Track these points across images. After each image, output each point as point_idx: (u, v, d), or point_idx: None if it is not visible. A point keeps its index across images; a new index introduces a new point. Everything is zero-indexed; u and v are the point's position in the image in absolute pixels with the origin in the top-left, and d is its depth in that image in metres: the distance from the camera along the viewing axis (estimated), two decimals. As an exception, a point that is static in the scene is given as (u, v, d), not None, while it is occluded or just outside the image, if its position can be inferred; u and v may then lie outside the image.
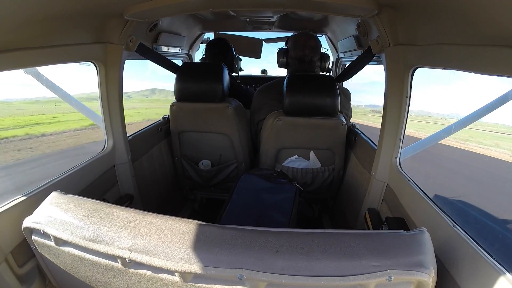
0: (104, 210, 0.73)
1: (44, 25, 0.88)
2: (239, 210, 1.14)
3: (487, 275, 0.64)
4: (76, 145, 4.75)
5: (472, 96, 3.98)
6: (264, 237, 0.64)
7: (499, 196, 3.45)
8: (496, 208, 2.86)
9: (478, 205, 2.93)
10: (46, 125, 5.07)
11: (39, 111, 5.35)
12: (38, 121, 5.09)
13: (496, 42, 0.69)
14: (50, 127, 5.02)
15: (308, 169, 1.66)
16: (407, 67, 1.11)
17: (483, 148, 5.10)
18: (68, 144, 4.70)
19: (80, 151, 4.64)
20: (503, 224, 2.54)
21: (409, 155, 1.37)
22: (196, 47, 2.67)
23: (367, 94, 10.93)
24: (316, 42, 1.74)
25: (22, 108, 5.23)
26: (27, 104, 5.37)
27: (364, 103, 8.59)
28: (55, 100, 4.96)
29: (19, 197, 0.90)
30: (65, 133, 4.93)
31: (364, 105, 8.50)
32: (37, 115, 5.26)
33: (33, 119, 5.05)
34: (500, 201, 3.22)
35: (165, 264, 0.62)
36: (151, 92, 9.64)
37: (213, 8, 1.29)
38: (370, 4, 1.05)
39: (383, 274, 0.57)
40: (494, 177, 4.30)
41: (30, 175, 3.38)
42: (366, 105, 8.46)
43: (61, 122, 5.18)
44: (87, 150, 4.25)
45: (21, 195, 0.92)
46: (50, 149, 4.44)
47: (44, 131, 4.79)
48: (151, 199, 1.74)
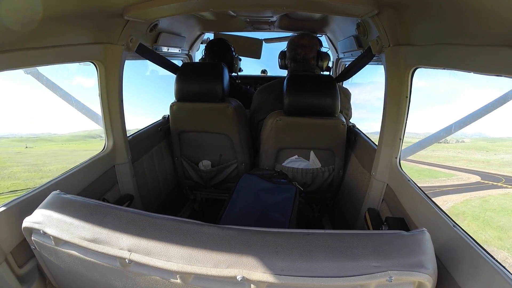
0: (104, 210, 0.73)
1: (44, 25, 0.88)
2: (239, 211, 1.14)
3: (487, 275, 0.64)
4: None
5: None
6: (264, 237, 0.64)
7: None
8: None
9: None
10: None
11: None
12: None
13: (496, 42, 0.69)
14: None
15: (308, 169, 1.66)
16: (407, 67, 1.11)
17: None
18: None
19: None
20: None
21: (409, 155, 1.37)
22: (196, 47, 2.67)
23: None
24: (310, 40, 1.73)
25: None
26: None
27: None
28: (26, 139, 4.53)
29: (19, 197, 0.90)
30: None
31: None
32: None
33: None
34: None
35: (165, 264, 0.62)
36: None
37: (213, 8, 1.29)
38: (370, 4, 1.05)
39: (383, 275, 0.57)
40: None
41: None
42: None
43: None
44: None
45: (21, 195, 0.91)
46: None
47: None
48: (151, 199, 1.74)
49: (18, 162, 11.92)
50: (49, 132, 29.40)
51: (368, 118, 4.37)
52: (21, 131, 8.17)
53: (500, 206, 11.18)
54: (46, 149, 16.14)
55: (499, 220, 10.36)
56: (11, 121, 21.98)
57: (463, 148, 18.52)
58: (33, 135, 5.70)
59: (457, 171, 14.72)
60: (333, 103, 1.48)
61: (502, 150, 18.56)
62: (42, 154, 14.17)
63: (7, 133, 6.25)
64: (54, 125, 16.22)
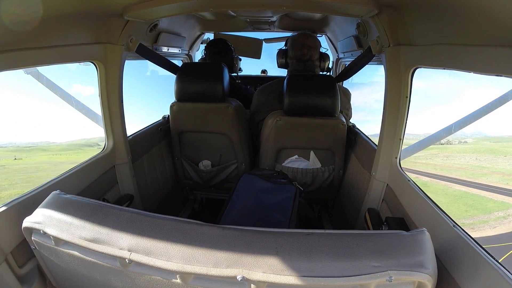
0: (104, 210, 0.73)
1: (44, 25, 0.89)
2: (239, 210, 1.14)
3: (487, 275, 0.64)
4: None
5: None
6: (264, 237, 0.64)
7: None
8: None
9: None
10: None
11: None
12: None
13: (496, 42, 0.69)
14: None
15: (308, 169, 1.66)
16: (407, 67, 1.11)
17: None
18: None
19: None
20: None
21: (409, 155, 1.37)
22: (196, 47, 2.67)
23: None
24: (314, 41, 1.74)
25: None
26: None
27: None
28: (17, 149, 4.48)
29: (19, 197, 0.90)
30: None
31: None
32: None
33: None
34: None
35: (165, 264, 0.62)
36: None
37: (213, 8, 1.29)
38: (370, 4, 1.05)
39: (383, 275, 0.57)
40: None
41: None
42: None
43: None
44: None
45: (21, 195, 0.91)
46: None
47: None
48: (151, 199, 1.74)
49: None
50: (47, 141, 28.94)
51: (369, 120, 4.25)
52: (18, 139, 8.03)
53: None
54: (36, 161, 15.41)
55: None
56: (6, 128, 21.34)
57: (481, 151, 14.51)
58: (31, 144, 5.45)
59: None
60: (333, 103, 1.48)
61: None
62: (21, 169, 13.46)
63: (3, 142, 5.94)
64: (53, 133, 15.98)
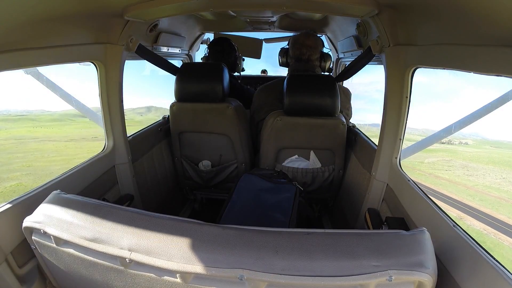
0: (104, 210, 0.73)
1: (44, 25, 0.89)
2: (239, 210, 1.14)
3: (487, 275, 0.64)
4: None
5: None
6: (264, 237, 0.64)
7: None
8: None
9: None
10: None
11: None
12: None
13: (496, 42, 0.69)
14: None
15: (308, 169, 1.66)
16: (407, 67, 1.11)
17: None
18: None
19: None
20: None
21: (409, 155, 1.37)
22: (196, 48, 2.67)
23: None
24: (315, 41, 1.74)
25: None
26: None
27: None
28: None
29: (19, 197, 0.90)
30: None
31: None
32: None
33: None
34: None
35: (165, 264, 0.62)
36: (147, 110, 9.61)
37: (213, 8, 1.29)
38: (370, 4, 1.05)
39: (383, 274, 0.57)
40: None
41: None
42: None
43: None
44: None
45: (21, 195, 0.91)
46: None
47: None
48: (151, 199, 1.74)
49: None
50: (43, 109, 26.61)
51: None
52: (14, 107, 7.25)
53: None
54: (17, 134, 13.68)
55: None
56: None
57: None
58: (26, 112, 4.99)
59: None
60: (333, 103, 1.48)
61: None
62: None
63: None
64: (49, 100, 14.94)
